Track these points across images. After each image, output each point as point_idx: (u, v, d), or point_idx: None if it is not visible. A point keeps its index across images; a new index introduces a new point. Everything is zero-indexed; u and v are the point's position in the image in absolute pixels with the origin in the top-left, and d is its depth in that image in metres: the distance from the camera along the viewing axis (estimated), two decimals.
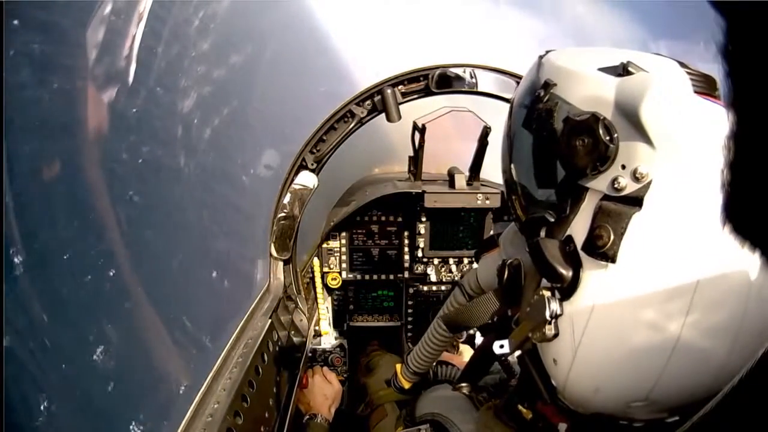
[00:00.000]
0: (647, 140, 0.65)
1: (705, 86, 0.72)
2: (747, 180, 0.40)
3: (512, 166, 0.87)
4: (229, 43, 5.81)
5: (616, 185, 0.67)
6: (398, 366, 1.83)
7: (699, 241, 0.66)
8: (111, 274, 3.66)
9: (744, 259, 0.63)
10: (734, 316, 0.66)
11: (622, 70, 0.70)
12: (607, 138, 0.66)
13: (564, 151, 0.71)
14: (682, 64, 0.74)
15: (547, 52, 0.84)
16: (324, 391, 1.77)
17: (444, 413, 1.20)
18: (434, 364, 1.90)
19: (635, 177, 0.66)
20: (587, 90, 0.71)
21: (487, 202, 2.36)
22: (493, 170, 2.79)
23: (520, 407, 0.96)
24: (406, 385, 1.80)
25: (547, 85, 0.76)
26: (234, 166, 5.95)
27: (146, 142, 4.69)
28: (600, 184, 0.69)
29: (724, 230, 0.43)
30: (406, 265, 2.58)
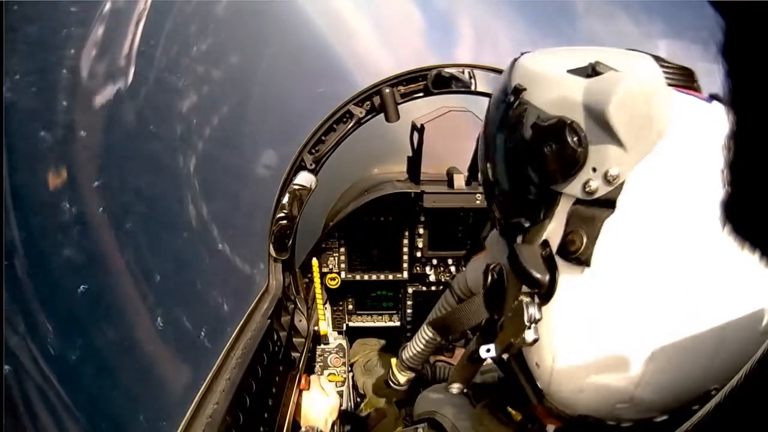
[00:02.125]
0: (617, 141, 0.63)
1: (681, 79, 0.71)
2: (747, 180, 0.40)
3: (489, 170, 0.86)
4: (228, 44, 5.81)
5: (587, 189, 0.65)
6: (393, 360, 1.84)
7: (674, 240, 0.65)
8: (108, 273, 3.65)
9: (722, 257, 0.63)
10: (717, 316, 0.66)
11: (591, 71, 0.68)
12: (576, 141, 0.64)
13: (534, 157, 0.69)
14: (657, 58, 0.72)
15: (522, 53, 0.82)
16: (321, 403, 1.76)
17: (441, 411, 1.20)
18: (432, 362, 1.91)
19: (606, 179, 0.64)
20: (555, 93, 0.69)
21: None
22: None
23: (509, 409, 0.97)
24: (402, 380, 1.81)
25: (517, 90, 0.74)
26: (233, 167, 5.94)
27: (145, 142, 4.69)
28: (572, 188, 0.67)
29: (724, 231, 0.43)
30: (405, 265, 2.58)
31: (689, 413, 0.55)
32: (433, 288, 2.64)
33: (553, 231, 0.71)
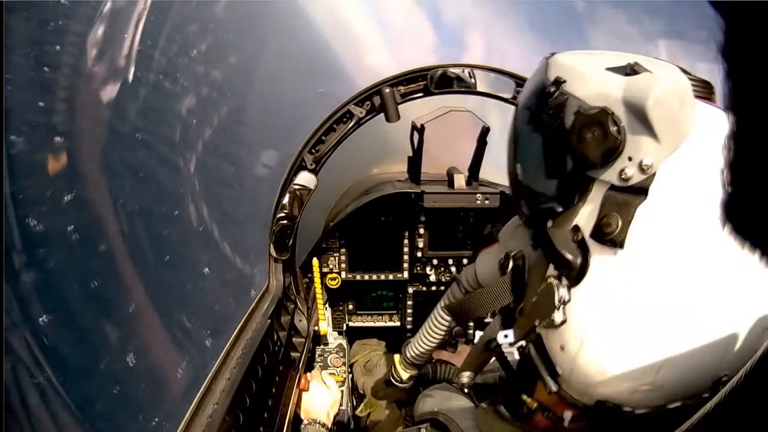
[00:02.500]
0: (652, 134, 0.68)
1: (702, 90, 0.77)
2: (747, 180, 0.40)
3: (518, 158, 0.90)
4: (228, 43, 5.81)
5: (623, 176, 0.71)
6: (396, 357, 1.83)
7: (701, 228, 0.69)
8: (107, 273, 3.65)
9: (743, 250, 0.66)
10: (737, 301, 0.70)
11: (630, 70, 0.74)
12: (616, 131, 0.70)
13: (574, 143, 0.74)
14: (683, 70, 0.78)
15: (552, 54, 0.87)
16: (322, 396, 1.77)
17: (443, 411, 1.20)
18: (433, 361, 1.91)
19: (641, 168, 0.69)
20: (596, 87, 0.75)
21: (487, 202, 2.36)
22: (492, 170, 2.80)
23: (524, 397, 0.97)
24: (404, 376, 1.81)
25: (558, 82, 0.79)
26: (233, 167, 5.94)
27: (145, 142, 4.69)
28: (608, 175, 0.72)
29: (724, 230, 0.43)
30: (406, 265, 2.58)
31: (700, 401, 0.57)
32: (434, 288, 2.64)
33: (586, 215, 0.76)
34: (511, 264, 0.92)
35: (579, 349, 0.77)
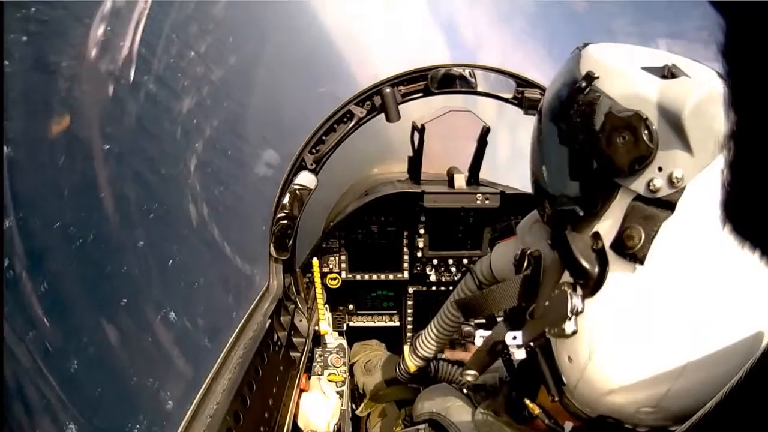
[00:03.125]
0: (686, 146, 0.64)
1: None
2: (747, 180, 0.40)
3: (541, 154, 0.86)
4: (229, 44, 5.81)
5: (651, 187, 0.66)
6: (406, 348, 1.80)
7: (728, 252, 0.65)
8: (107, 272, 3.65)
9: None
10: (752, 327, 0.66)
11: (668, 73, 0.69)
12: (648, 138, 0.65)
13: (603, 146, 0.70)
14: (720, 74, 0.73)
15: (585, 44, 0.83)
16: (321, 406, 1.76)
17: (442, 412, 1.20)
18: (437, 361, 1.90)
19: (670, 181, 0.65)
20: (630, 88, 0.70)
21: (487, 202, 2.36)
22: (492, 170, 2.80)
23: (527, 402, 0.95)
24: (412, 368, 1.79)
25: (589, 77, 0.74)
26: (233, 167, 5.94)
27: (145, 142, 4.69)
28: (635, 184, 0.68)
29: (724, 230, 0.43)
30: (406, 265, 2.58)
31: None
32: (434, 288, 2.64)
33: (608, 224, 0.72)
34: (526, 263, 0.88)
35: (587, 362, 0.74)
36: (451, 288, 2.53)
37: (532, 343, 0.86)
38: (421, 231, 2.52)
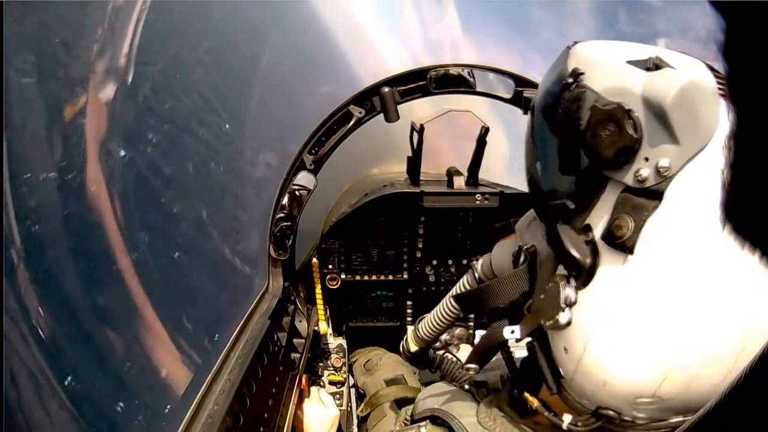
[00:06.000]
0: (672, 135, 0.65)
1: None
2: (747, 180, 0.40)
3: (534, 151, 0.88)
4: (228, 43, 5.80)
5: (638, 177, 0.67)
6: (410, 329, 1.82)
7: (716, 237, 0.66)
8: (107, 272, 3.64)
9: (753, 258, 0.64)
10: (745, 315, 0.67)
11: (652, 65, 0.70)
12: (633, 130, 0.66)
13: (589, 139, 0.71)
14: (709, 66, 0.74)
15: (575, 42, 0.84)
16: (321, 416, 1.76)
17: (444, 408, 1.19)
18: (440, 355, 1.90)
19: (657, 171, 0.66)
20: (615, 81, 0.71)
21: (486, 202, 2.37)
22: (492, 170, 2.80)
23: (526, 395, 0.96)
24: (413, 348, 1.80)
25: (576, 74, 0.76)
26: (232, 167, 5.93)
27: (144, 142, 4.68)
28: (622, 175, 0.69)
29: (724, 230, 0.43)
30: (405, 265, 2.58)
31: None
32: (434, 288, 2.64)
33: (598, 215, 0.73)
34: (522, 258, 0.90)
35: (582, 352, 0.75)
36: (450, 288, 2.54)
37: (529, 337, 0.88)
38: (421, 231, 2.52)
